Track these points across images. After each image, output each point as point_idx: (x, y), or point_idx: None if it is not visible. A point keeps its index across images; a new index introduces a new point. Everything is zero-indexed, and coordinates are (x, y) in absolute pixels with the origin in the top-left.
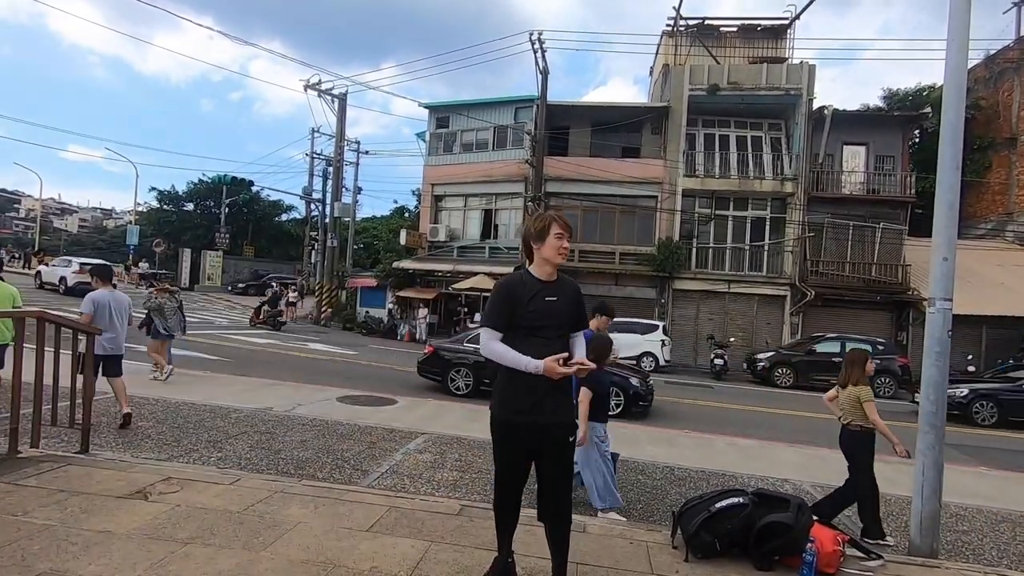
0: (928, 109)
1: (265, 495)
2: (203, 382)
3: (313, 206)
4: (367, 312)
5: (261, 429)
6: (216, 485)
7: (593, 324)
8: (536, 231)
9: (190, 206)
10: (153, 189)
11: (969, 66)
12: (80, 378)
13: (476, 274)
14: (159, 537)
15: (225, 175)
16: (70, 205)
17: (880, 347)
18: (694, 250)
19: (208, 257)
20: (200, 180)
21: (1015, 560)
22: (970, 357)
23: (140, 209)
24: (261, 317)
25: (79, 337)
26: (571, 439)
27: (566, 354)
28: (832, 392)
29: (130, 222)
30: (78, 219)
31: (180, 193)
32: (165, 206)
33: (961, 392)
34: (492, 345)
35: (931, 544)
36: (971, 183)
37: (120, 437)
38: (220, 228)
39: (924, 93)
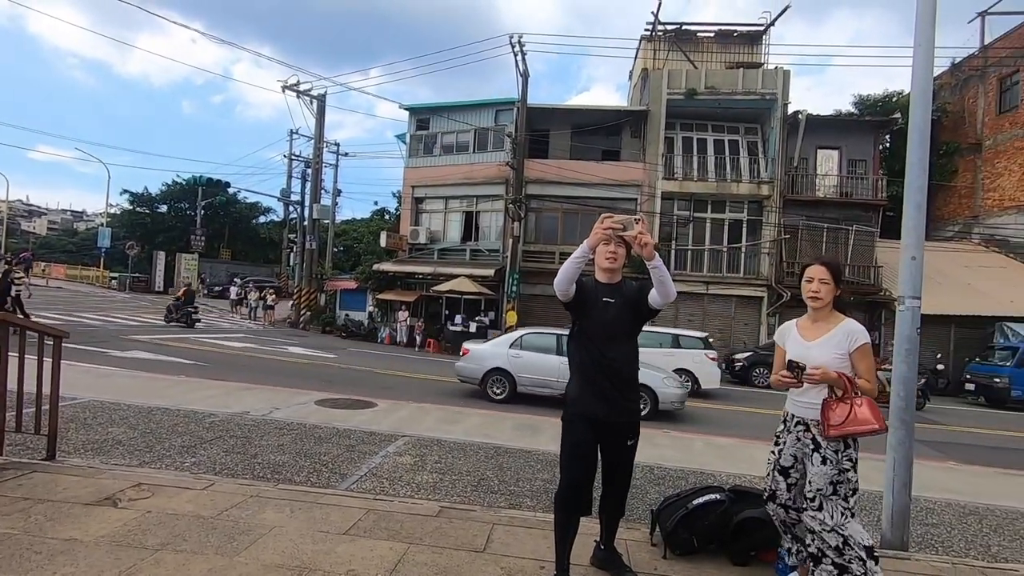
0: (897, 114)
1: (240, 500)
2: (178, 386)
3: (292, 208)
4: (347, 315)
5: (237, 434)
6: (188, 490)
7: None
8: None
9: (164, 208)
10: (125, 191)
11: (936, 73)
12: (47, 383)
13: (457, 276)
14: (128, 544)
15: (200, 176)
16: (39, 207)
17: None
18: (673, 252)
19: (183, 260)
20: (174, 182)
21: (981, 551)
22: (939, 356)
23: (112, 211)
24: (175, 315)
25: (46, 341)
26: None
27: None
28: None
29: (101, 224)
30: (47, 221)
31: (153, 195)
32: (138, 208)
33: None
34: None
35: (902, 537)
36: (939, 186)
37: (89, 443)
38: (196, 230)
39: (893, 99)
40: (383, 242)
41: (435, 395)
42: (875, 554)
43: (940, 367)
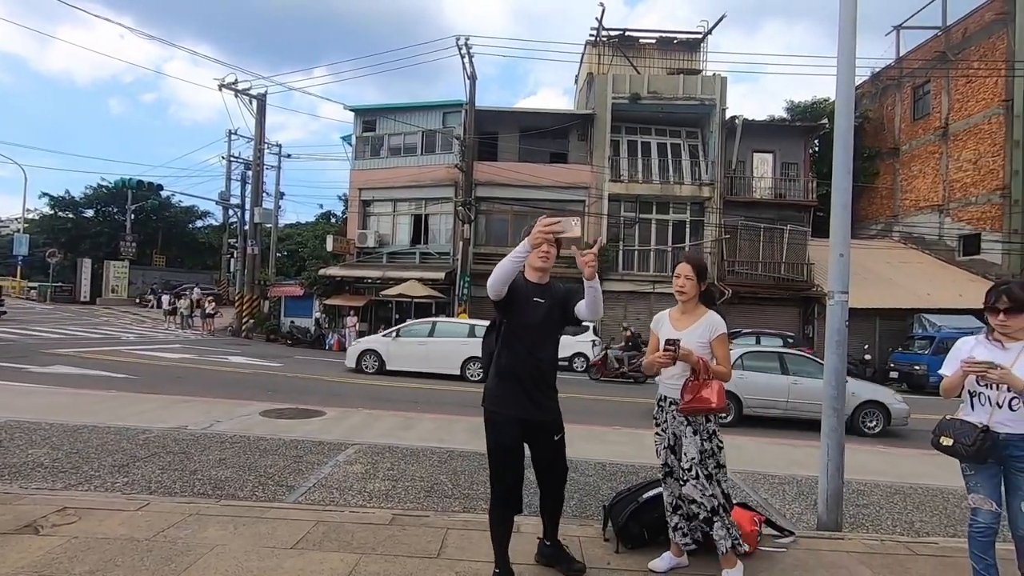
0: (825, 120)
1: (178, 519)
2: (107, 402)
3: (231, 212)
4: (292, 322)
5: (174, 449)
6: (121, 512)
7: None
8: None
9: (90, 213)
10: (45, 195)
11: (857, 82)
12: None
13: (407, 280)
14: (52, 573)
15: (130, 179)
16: None
17: (790, 340)
18: (620, 252)
19: (112, 268)
20: (100, 185)
21: (907, 528)
22: (866, 346)
23: (30, 216)
24: None
25: None
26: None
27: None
28: None
29: (18, 230)
30: None
31: (77, 199)
32: (60, 213)
33: None
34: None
35: (836, 518)
36: (862, 188)
37: (6, 468)
38: (125, 236)
39: (821, 105)
40: (330, 246)
41: (387, 401)
42: (727, 507)
43: (867, 357)
